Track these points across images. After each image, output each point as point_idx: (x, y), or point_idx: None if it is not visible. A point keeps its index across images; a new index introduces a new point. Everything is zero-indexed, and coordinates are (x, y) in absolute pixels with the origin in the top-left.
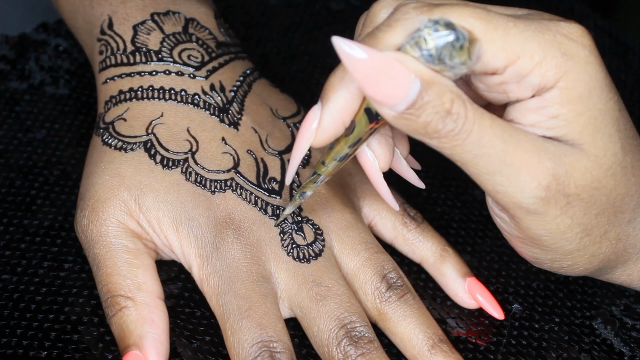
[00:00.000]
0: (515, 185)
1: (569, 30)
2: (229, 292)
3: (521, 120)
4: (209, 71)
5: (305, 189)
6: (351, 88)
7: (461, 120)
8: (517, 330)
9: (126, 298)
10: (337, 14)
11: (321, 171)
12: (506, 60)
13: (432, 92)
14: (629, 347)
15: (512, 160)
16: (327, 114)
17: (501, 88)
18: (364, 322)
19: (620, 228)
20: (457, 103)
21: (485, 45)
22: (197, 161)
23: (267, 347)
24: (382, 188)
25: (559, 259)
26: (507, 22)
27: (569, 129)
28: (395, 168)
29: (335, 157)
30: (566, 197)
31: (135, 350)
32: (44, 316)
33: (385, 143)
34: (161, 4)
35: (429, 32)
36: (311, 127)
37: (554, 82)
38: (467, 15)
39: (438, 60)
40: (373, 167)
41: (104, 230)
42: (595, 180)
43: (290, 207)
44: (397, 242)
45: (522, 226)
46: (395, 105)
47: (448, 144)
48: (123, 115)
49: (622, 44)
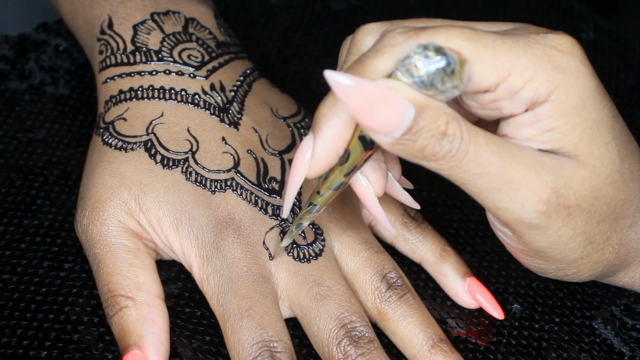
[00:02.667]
0: (515, 201)
1: (557, 42)
2: (229, 291)
3: (516, 135)
4: (209, 71)
5: (301, 220)
6: (342, 116)
7: (457, 141)
8: (517, 330)
9: (126, 298)
10: (337, 13)
11: (317, 201)
12: (497, 78)
13: (426, 116)
14: (629, 347)
15: (510, 177)
16: (320, 144)
17: (494, 105)
18: (364, 322)
19: (622, 233)
20: (452, 124)
21: (475, 64)
22: (197, 161)
23: (267, 347)
24: (379, 214)
25: (564, 268)
26: (495, 40)
27: (564, 141)
28: (389, 191)
29: (331, 186)
30: (567, 209)
31: (136, 350)
32: (44, 316)
33: (378, 168)
34: (161, 3)
35: (419, 58)
36: (305, 158)
37: (546, 95)
38: (455, 37)
39: (430, 85)
40: (368, 194)
41: (104, 230)
42: (595, 189)
43: (287, 240)
44: (397, 242)
45: (524, 240)
46: (392, 132)
47: (446, 165)
48: (123, 115)
49: (622, 44)
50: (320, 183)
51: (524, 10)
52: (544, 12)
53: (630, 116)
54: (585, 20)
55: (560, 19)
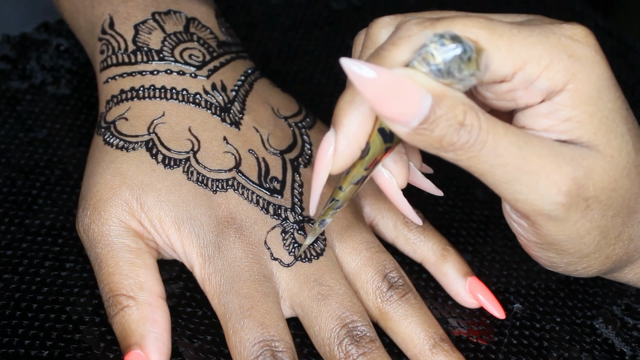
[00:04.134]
0: (535, 193)
1: (572, 31)
2: (231, 291)
3: (533, 126)
4: (211, 70)
5: (324, 217)
6: (362, 110)
7: (475, 131)
8: (518, 330)
9: (128, 297)
10: (338, 13)
11: (339, 197)
12: (514, 67)
13: (444, 105)
14: (630, 347)
15: (530, 168)
16: (342, 139)
17: (510, 95)
18: (366, 322)
19: (632, 229)
20: (469, 114)
21: (492, 54)
22: (198, 160)
23: (268, 347)
24: (404, 206)
25: (575, 262)
26: (511, 29)
27: (583, 130)
28: (412, 181)
29: (353, 180)
30: (586, 201)
31: (137, 349)
32: (45, 316)
33: (400, 160)
34: (162, 3)
35: (436, 46)
36: (327, 155)
37: (563, 84)
38: (471, 26)
39: (447, 74)
40: (392, 186)
41: (105, 229)
42: (613, 181)
43: (311, 237)
44: (398, 242)
45: (541, 232)
46: (409, 121)
47: (464, 156)
48: (124, 114)
49: (623, 44)
50: (341, 178)
51: (525, 10)
52: (545, 12)
53: None
54: (586, 20)
55: (561, 19)
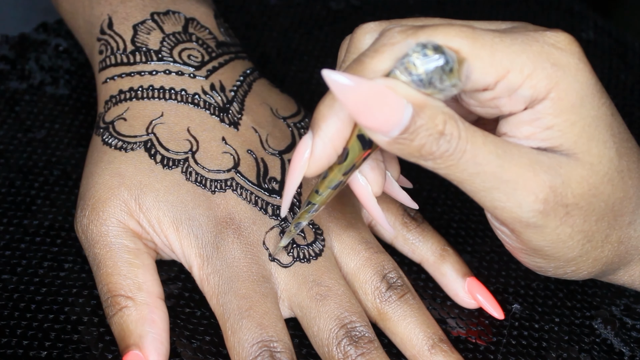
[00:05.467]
0: (513, 201)
1: (556, 39)
2: (229, 291)
3: (515, 133)
4: (209, 71)
5: (300, 219)
6: (341, 115)
7: (455, 141)
8: (517, 330)
9: (126, 298)
10: (337, 13)
11: (315, 200)
12: (496, 76)
13: (424, 115)
14: (629, 347)
15: (507, 176)
16: (318, 142)
17: (493, 103)
18: (364, 322)
19: (621, 231)
20: (449, 124)
21: (474, 63)
22: (197, 161)
23: (267, 347)
24: (377, 213)
25: (563, 266)
26: (493, 38)
27: (563, 139)
28: (387, 191)
29: (329, 185)
30: (565, 207)
31: (136, 350)
32: (44, 316)
33: (377, 167)
34: (161, 3)
35: (418, 56)
36: (303, 157)
37: (545, 93)
38: (453, 35)
39: (428, 84)
40: (366, 193)
41: (104, 230)
42: (593, 187)
43: (286, 239)
44: (397, 242)
45: (523, 239)
46: (389, 131)
47: (443, 165)
48: (123, 114)
49: (622, 44)
50: (318, 182)
51: (523, 10)
52: (544, 12)
53: (630, 115)
54: (585, 20)
55: (560, 19)
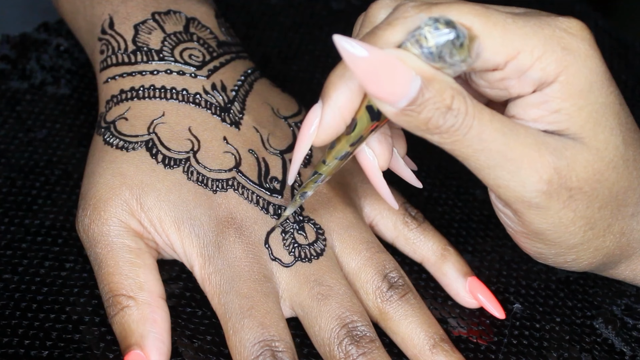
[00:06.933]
0: (516, 179)
1: (568, 25)
2: (231, 291)
3: (523, 115)
4: (210, 70)
5: (306, 189)
6: (352, 85)
7: (461, 116)
8: (518, 330)
9: (128, 297)
10: (338, 13)
11: (322, 170)
12: (506, 56)
13: (432, 88)
14: (630, 347)
15: (512, 155)
16: (328, 111)
17: (502, 84)
18: (365, 322)
19: (623, 222)
20: (457, 99)
21: (485, 41)
22: (198, 160)
23: (269, 347)
24: (382, 187)
25: (563, 253)
26: (506, 19)
27: (570, 122)
28: (393, 167)
29: (337, 155)
30: (568, 191)
31: (137, 349)
32: (45, 316)
33: (384, 142)
34: (162, 3)
35: (430, 30)
36: (312, 126)
37: (554, 76)
38: (466, 13)
39: (438, 57)
40: (373, 166)
41: (105, 229)
42: (597, 173)
43: (291, 208)
44: (398, 242)
45: (525, 221)
46: (397, 102)
47: (449, 140)
48: (124, 114)
49: (623, 44)
50: (326, 152)
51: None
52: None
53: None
54: (586, 20)
55: None
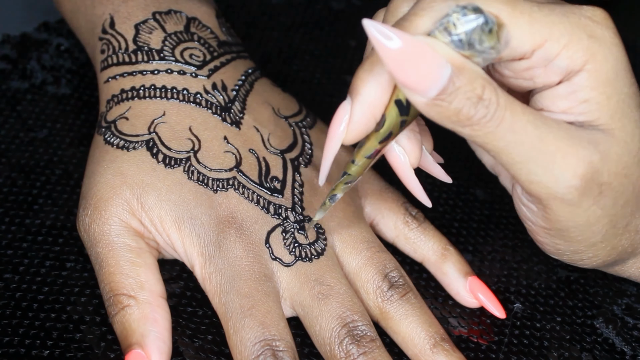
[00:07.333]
0: (550, 174)
1: (592, 13)
2: (232, 290)
3: (552, 107)
4: (211, 70)
5: (335, 191)
6: (380, 80)
7: (493, 107)
8: (518, 330)
9: (129, 297)
10: (338, 13)
11: (351, 171)
12: (533, 44)
13: (463, 77)
14: (630, 347)
15: (546, 148)
16: (357, 107)
17: (528, 74)
18: (366, 321)
19: (639, 219)
20: (488, 89)
21: (512, 29)
22: (199, 160)
23: (269, 346)
24: (415, 185)
25: (582, 251)
26: (532, 7)
27: (600, 112)
28: (422, 165)
29: (366, 154)
30: (599, 187)
31: (138, 349)
32: (46, 315)
33: (414, 138)
34: (163, 3)
35: (458, 17)
36: (342, 123)
37: (582, 64)
38: (493, 1)
39: (468, 45)
40: (404, 164)
41: (106, 229)
42: (626, 167)
43: (321, 212)
44: (398, 241)
45: (552, 217)
46: (427, 91)
47: (480, 132)
48: (125, 114)
49: (623, 43)
50: (355, 151)
51: None
52: None
53: None
54: None
55: None
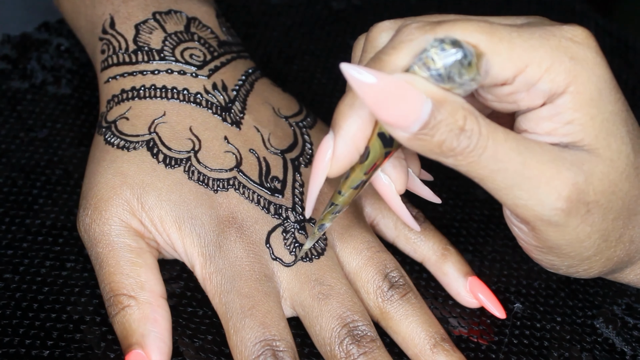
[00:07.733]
0: (535, 198)
1: (573, 33)
2: (232, 290)
3: (536, 129)
4: (211, 70)
5: (323, 221)
6: (362, 114)
7: (475, 137)
8: (518, 330)
9: (129, 297)
10: (339, 13)
11: (338, 201)
12: (515, 70)
13: (444, 110)
14: (630, 347)
15: (530, 173)
16: (340, 142)
17: (511, 98)
18: (366, 321)
19: (633, 230)
20: (470, 119)
21: (492, 58)
22: (199, 160)
23: (269, 346)
24: (402, 211)
25: (576, 264)
26: (511, 32)
27: (584, 133)
28: (410, 187)
29: (352, 185)
30: (586, 206)
31: (138, 349)
32: (46, 315)
33: (399, 165)
34: (163, 3)
35: (436, 51)
36: (326, 158)
37: (564, 87)
38: (471, 30)
39: (447, 78)
40: (390, 192)
41: (106, 229)
42: (612, 184)
43: (310, 241)
44: (398, 241)
45: (541, 237)
46: (409, 126)
47: (464, 161)
48: (125, 114)
49: (623, 44)
50: (341, 182)
51: (525, 10)
52: (546, 12)
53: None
54: (586, 20)
55: (561, 19)
